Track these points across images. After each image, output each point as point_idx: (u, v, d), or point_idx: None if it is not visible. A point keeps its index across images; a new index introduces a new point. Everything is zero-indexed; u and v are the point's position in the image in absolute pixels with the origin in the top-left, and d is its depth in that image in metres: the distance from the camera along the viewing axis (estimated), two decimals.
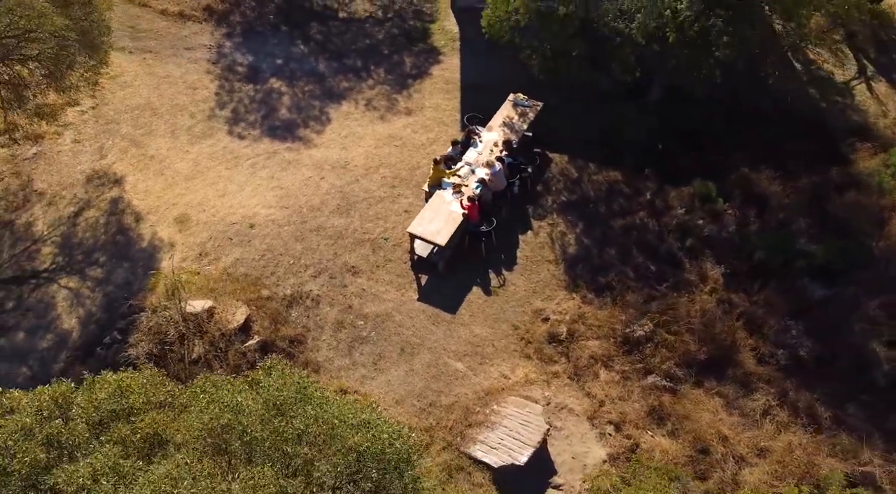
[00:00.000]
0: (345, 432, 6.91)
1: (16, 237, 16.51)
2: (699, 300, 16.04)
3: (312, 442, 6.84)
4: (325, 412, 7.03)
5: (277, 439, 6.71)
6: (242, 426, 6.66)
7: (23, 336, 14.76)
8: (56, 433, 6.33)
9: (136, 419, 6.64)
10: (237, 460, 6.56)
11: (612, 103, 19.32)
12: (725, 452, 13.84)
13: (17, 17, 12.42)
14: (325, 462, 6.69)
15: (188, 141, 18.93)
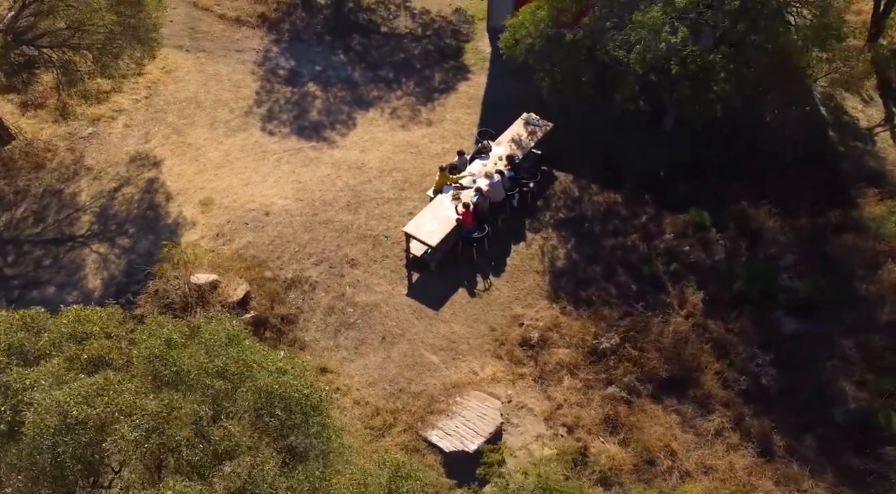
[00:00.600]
0: (259, 374, 8.16)
1: (62, 204, 18.58)
2: (674, 322, 16.69)
3: (230, 379, 8.12)
4: (246, 356, 8.30)
5: (200, 372, 8.02)
6: (172, 358, 8.00)
7: (53, 290, 16.69)
8: (18, 343, 7.83)
9: (87, 343, 8.08)
10: (164, 385, 7.88)
11: (623, 129, 20.12)
12: (672, 465, 14.46)
13: (73, 11, 14.39)
14: (238, 396, 7.97)
15: (224, 133, 20.76)
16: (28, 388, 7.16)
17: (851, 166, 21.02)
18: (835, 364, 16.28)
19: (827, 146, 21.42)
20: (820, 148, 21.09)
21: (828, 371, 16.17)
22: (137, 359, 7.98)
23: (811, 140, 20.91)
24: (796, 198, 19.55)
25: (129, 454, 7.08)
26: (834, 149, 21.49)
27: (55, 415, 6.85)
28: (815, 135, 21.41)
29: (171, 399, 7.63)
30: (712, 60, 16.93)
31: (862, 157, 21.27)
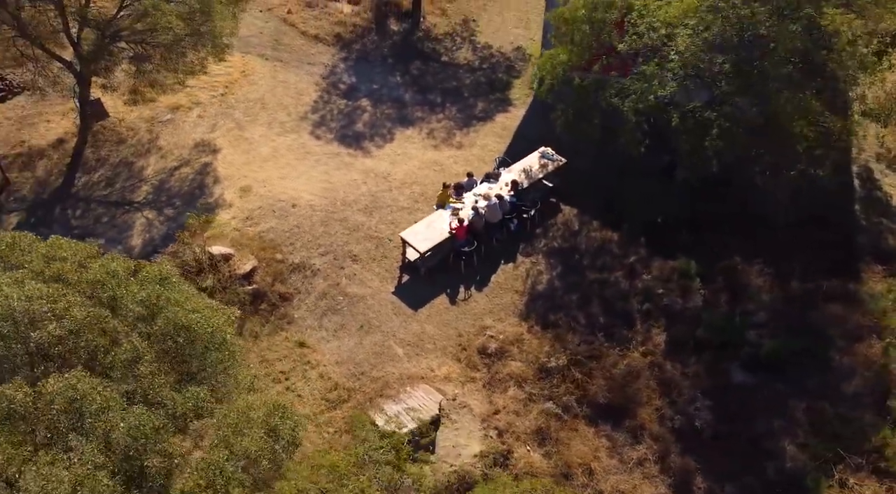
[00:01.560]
0: (174, 309, 10.27)
1: (130, 174, 21.88)
2: (630, 356, 17.60)
3: (149, 307, 10.28)
4: (168, 293, 10.47)
5: (127, 297, 10.23)
6: (110, 284, 10.28)
7: (102, 242, 19.80)
8: (3, 255, 10.39)
9: (53, 263, 10.51)
10: (98, 304, 10.17)
11: (632, 174, 21.15)
12: (587, 483, 15.42)
13: (149, 15, 17.54)
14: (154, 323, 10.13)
15: (277, 132, 23.58)
16: None
17: (868, 240, 21.02)
18: (781, 423, 16.61)
19: (849, 216, 21.49)
20: (840, 217, 21.23)
21: (773, 427, 16.54)
22: (83, 281, 10.35)
23: (833, 208, 21.05)
24: (795, 262, 19.86)
25: (54, 347, 9.40)
26: (856, 220, 21.52)
27: (2, 305, 9.27)
28: (839, 203, 21.57)
29: (99, 313, 9.89)
30: (708, 116, 17.87)
31: (882, 234, 21.19)
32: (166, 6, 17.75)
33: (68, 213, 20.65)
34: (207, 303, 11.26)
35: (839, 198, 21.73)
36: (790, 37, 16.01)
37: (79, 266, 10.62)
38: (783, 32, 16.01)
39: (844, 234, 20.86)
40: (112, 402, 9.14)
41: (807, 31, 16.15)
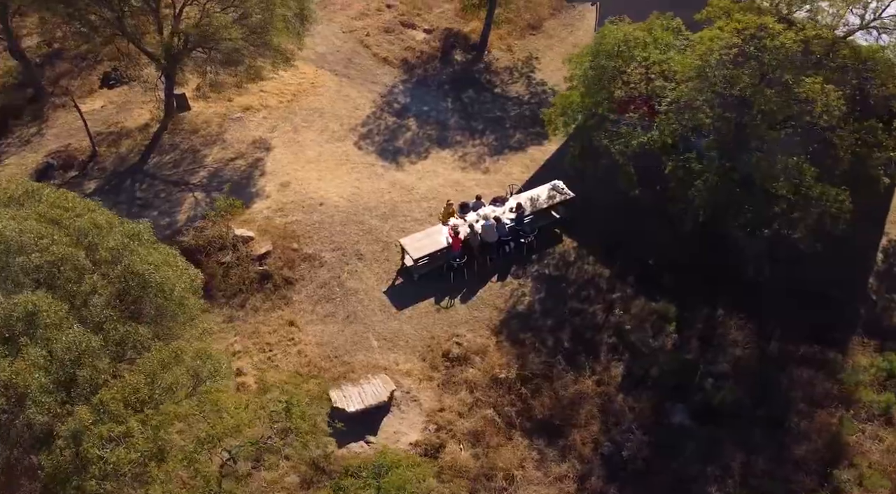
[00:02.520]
0: (132, 257, 12.68)
1: (193, 160, 25.15)
2: (583, 382, 18.51)
3: (113, 253, 12.73)
4: (133, 246, 12.88)
5: (101, 244, 12.76)
6: (91, 232, 12.86)
7: (156, 213, 23.02)
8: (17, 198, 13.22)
9: (55, 210, 13.29)
10: (79, 245, 12.77)
11: (640, 215, 21.93)
12: (504, 488, 16.51)
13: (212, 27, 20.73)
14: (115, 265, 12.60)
15: (326, 139, 26.25)
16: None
17: (869, 313, 20.78)
18: (714, 470, 16.96)
19: (858, 288, 21.28)
20: (846, 285, 21.07)
21: (705, 473, 16.93)
22: (73, 227, 12.99)
23: (842, 277, 20.91)
24: (781, 321, 20.00)
25: (33, 272, 12.03)
26: (864, 291, 21.29)
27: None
28: (852, 275, 21.40)
29: (74, 253, 12.45)
30: (693, 166, 18.63)
31: (886, 309, 20.87)
32: (226, 19, 20.82)
33: (136, 186, 24.12)
34: (171, 262, 13.68)
35: (852, 266, 21.63)
36: (766, 100, 16.64)
37: (76, 215, 13.33)
38: (759, 95, 16.66)
39: (843, 302, 20.74)
40: (62, 321, 11.62)
41: (783, 96, 16.69)
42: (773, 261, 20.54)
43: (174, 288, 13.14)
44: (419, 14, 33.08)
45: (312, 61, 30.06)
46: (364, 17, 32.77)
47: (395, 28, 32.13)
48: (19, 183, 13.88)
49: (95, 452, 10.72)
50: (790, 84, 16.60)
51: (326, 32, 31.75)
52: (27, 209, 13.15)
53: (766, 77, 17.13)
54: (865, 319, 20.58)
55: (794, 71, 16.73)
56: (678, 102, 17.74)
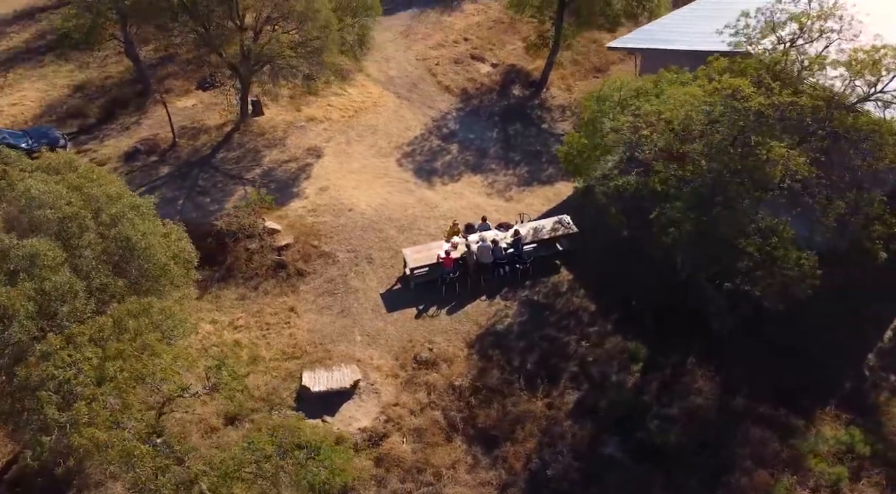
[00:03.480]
0: (126, 223, 15.43)
1: (253, 158, 28.38)
2: (534, 402, 19.57)
3: (112, 218, 15.57)
4: (131, 215, 15.65)
5: (107, 210, 15.66)
6: (103, 201, 15.74)
7: (208, 200, 26.32)
8: (54, 168, 16.44)
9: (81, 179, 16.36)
10: (89, 210, 15.71)
11: (635, 258, 22.67)
12: (432, 483, 17.88)
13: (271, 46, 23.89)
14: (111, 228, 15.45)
15: (372, 153, 28.77)
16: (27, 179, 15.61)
17: (855, 387, 20.44)
18: None
19: (854, 360, 20.92)
20: (842, 359, 20.78)
21: None
22: (89, 195, 15.96)
23: (841, 346, 20.67)
24: (756, 379, 20.12)
25: (45, 224, 15.07)
26: (860, 366, 20.91)
27: (25, 190, 15.14)
28: (852, 347, 21.08)
29: (82, 214, 15.36)
30: (671, 214, 19.34)
31: (875, 387, 20.44)
32: (283, 40, 23.89)
33: (200, 175, 27.64)
34: (168, 235, 16.52)
35: (855, 337, 21.25)
36: (730, 159, 17.24)
37: (96, 185, 16.39)
38: (723, 154, 17.29)
39: (830, 371, 20.47)
40: (57, 266, 14.51)
41: (749, 158, 17.20)
42: (766, 317, 20.55)
43: (156, 254, 15.85)
44: (491, 49, 35.20)
45: (381, 83, 32.91)
46: (440, 48, 35.34)
47: (465, 60, 34.42)
48: (63, 155, 17.19)
49: (52, 370, 13.42)
50: (753, 146, 17.10)
51: (401, 58, 34.58)
52: (61, 175, 16.34)
53: (737, 138, 17.69)
54: (847, 392, 20.19)
55: (765, 134, 17.19)
56: (655, 149, 18.60)
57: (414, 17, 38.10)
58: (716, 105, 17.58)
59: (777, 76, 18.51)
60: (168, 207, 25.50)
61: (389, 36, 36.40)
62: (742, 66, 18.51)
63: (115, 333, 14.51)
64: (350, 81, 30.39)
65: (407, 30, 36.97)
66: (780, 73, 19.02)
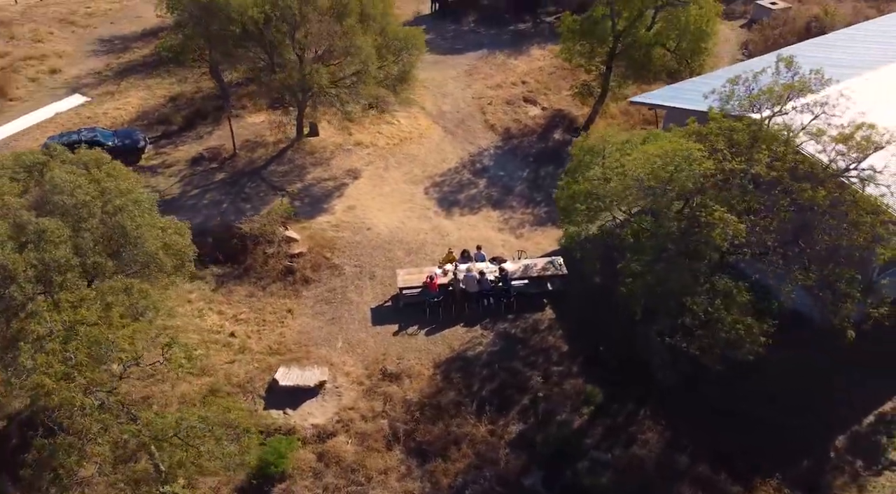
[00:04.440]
0: (125, 214, 18.23)
1: (297, 174, 31.18)
2: (477, 427, 20.61)
3: (115, 208, 18.45)
4: (132, 209, 18.43)
5: (114, 202, 18.59)
6: (114, 194, 18.71)
7: (248, 206, 29.30)
8: (84, 162, 19.67)
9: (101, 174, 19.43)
10: (101, 199, 18.69)
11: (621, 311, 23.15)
12: (361, 483, 19.34)
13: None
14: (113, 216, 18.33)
15: (405, 180, 30.85)
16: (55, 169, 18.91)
17: (813, 467, 20.01)
18: None
19: (822, 439, 20.45)
20: (808, 436, 20.39)
21: None
22: (104, 187, 19.01)
23: (811, 423, 20.35)
24: (697, 438, 20.19)
25: (62, 207, 18.16)
26: (826, 446, 20.42)
27: (52, 179, 18.43)
28: (824, 426, 20.63)
29: (92, 202, 18.38)
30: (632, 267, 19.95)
31: (834, 470, 19.91)
32: (323, 70, 26.63)
33: (248, 184, 30.78)
34: (167, 229, 19.34)
35: (830, 414, 20.78)
36: (673, 217, 17.78)
37: (112, 179, 19.43)
38: (665, 222, 17.89)
39: (791, 444, 20.11)
40: (60, 243, 17.51)
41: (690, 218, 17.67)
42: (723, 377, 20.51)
43: (146, 244, 18.60)
44: (545, 93, 36.58)
45: (433, 116, 35.12)
46: (497, 88, 37.15)
47: (517, 102, 35.99)
48: (94, 153, 20.46)
49: (33, 326, 16.28)
50: (694, 208, 17.55)
51: (458, 95, 36.69)
52: (88, 169, 19.56)
53: (688, 199, 18.19)
54: (804, 470, 19.71)
55: (711, 198, 17.62)
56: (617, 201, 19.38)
57: (482, 57, 40.22)
58: (669, 165, 18.18)
59: (752, 142, 18.85)
60: (213, 209, 28.84)
61: (454, 74, 38.71)
62: (704, 130, 19.02)
63: (95, 304, 17.23)
64: (404, 112, 32.99)
65: (472, 69, 39.08)
66: (762, 141, 19.29)
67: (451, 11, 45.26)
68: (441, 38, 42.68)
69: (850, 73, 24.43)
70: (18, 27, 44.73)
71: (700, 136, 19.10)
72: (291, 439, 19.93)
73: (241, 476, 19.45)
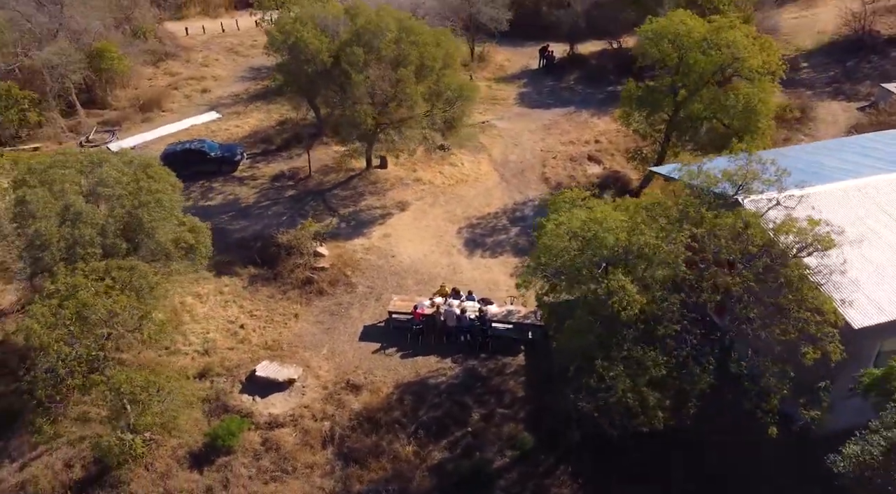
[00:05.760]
0: (144, 211, 22.42)
1: (353, 198, 34.53)
2: (406, 447, 22.33)
3: (141, 202, 22.68)
4: (153, 203, 22.62)
5: (147, 197, 22.88)
6: (145, 192, 23.01)
7: (302, 221, 33.15)
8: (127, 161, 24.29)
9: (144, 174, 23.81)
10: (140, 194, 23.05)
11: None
12: (282, 470, 21.80)
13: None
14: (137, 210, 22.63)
15: (444, 218, 33.18)
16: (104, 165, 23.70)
17: None
18: None
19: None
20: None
21: None
22: (141, 185, 23.44)
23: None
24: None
25: (107, 195, 22.77)
26: None
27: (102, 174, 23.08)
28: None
29: (125, 196, 22.83)
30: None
31: None
32: (365, 109, 29.98)
33: (310, 202, 34.73)
34: (187, 225, 23.46)
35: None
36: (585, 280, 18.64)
37: (151, 181, 23.88)
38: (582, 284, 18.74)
39: None
40: (93, 224, 22.08)
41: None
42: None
43: (157, 236, 22.75)
44: (613, 154, 37.39)
45: (496, 163, 37.29)
46: (569, 144, 38.56)
47: (581, 159, 37.14)
48: (145, 158, 25.21)
49: (47, 285, 20.83)
50: (599, 277, 18.27)
51: (528, 147, 38.60)
52: (139, 172, 24.26)
53: (605, 268, 18.94)
54: None
55: (622, 267, 18.27)
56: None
57: (567, 114, 41.71)
58: (589, 232, 19.05)
59: (681, 218, 19.25)
60: (274, 219, 33.12)
61: (533, 127, 40.60)
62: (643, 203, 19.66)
63: (99, 275, 21.54)
64: (471, 156, 35.82)
65: (552, 124, 40.71)
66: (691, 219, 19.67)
67: (557, 67, 47.12)
68: (536, 93, 44.75)
69: (838, 177, 23.75)
70: (195, 53, 53.17)
71: (647, 209, 19.77)
72: (244, 421, 22.93)
73: (199, 444, 22.72)
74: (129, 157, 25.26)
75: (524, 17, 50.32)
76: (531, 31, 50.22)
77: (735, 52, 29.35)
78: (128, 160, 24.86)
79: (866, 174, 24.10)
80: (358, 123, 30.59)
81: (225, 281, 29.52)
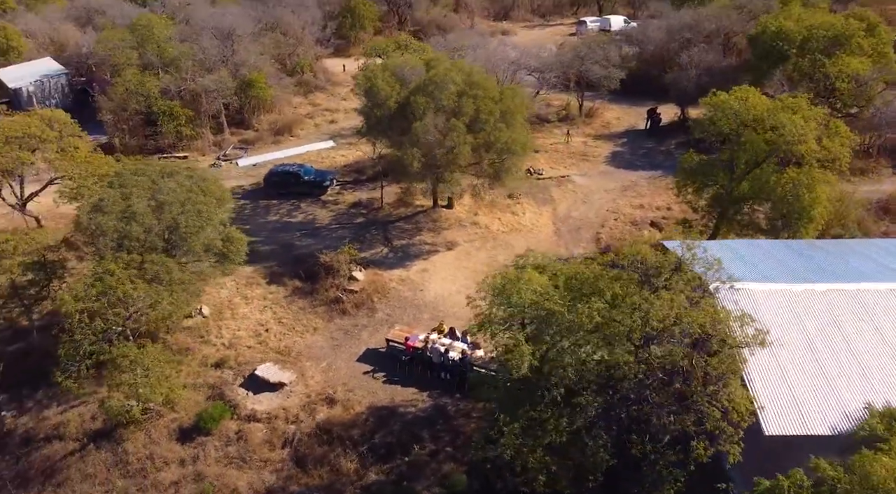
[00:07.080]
0: (184, 218, 26.54)
1: (410, 231, 36.97)
2: (349, 463, 24.20)
3: (185, 211, 26.83)
4: (195, 212, 26.70)
5: (193, 204, 27.06)
6: (194, 200, 27.22)
7: (360, 245, 36.17)
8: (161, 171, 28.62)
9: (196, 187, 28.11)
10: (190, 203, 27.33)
11: None
12: (243, 456, 24.57)
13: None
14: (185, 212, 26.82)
15: (484, 261, 34.50)
16: (166, 178, 28.33)
17: None
18: None
19: None
20: None
21: None
22: (195, 198, 27.68)
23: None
24: None
25: (158, 201, 27.38)
26: None
27: (163, 184, 27.83)
28: None
29: (175, 202, 27.15)
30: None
31: None
32: (413, 152, 32.46)
33: (372, 230, 37.73)
34: (227, 235, 27.54)
35: None
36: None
37: (203, 194, 28.17)
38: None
39: None
40: (144, 221, 26.75)
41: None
42: None
43: (190, 240, 26.87)
44: (676, 219, 36.51)
45: (557, 217, 38.11)
46: (638, 208, 38.42)
47: (643, 224, 36.83)
48: (203, 172, 29.63)
49: (95, 267, 25.63)
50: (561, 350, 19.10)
51: (596, 205, 38.97)
52: (194, 186, 28.73)
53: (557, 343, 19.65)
54: None
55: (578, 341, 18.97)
56: None
57: (649, 178, 41.29)
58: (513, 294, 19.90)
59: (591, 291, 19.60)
60: (336, 242, 36.56)
61: (611, 186, 40.71)
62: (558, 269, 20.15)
63: (138, 265, 26.00)
64: (536, 207, 37.26)
65: (630, 186, 40.54)
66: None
67: (663, 130, 46.54)
68: (629, 154, 44.61)
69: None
70: (342, 88, 59.26)
71: (568, 278, 20.28)
72: (227, 410, 26.12)
73: (190, 422, 26.28)
74: (191, 172, 29.93)
75: (640, 77, 50.28)
76: (650, 91, 50.02)
77: (786, 136, 28.04)
78: (189, 174, 29.48)
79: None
80: (405, 165, 33.20)
81: (272, 288, 33.33)
